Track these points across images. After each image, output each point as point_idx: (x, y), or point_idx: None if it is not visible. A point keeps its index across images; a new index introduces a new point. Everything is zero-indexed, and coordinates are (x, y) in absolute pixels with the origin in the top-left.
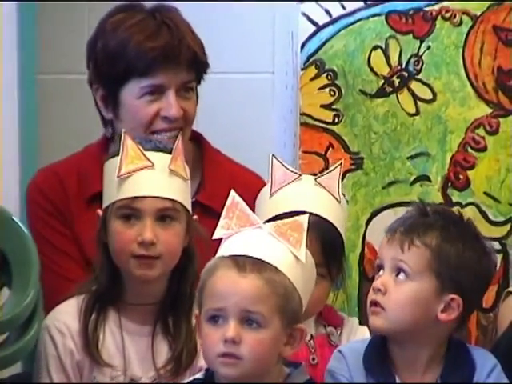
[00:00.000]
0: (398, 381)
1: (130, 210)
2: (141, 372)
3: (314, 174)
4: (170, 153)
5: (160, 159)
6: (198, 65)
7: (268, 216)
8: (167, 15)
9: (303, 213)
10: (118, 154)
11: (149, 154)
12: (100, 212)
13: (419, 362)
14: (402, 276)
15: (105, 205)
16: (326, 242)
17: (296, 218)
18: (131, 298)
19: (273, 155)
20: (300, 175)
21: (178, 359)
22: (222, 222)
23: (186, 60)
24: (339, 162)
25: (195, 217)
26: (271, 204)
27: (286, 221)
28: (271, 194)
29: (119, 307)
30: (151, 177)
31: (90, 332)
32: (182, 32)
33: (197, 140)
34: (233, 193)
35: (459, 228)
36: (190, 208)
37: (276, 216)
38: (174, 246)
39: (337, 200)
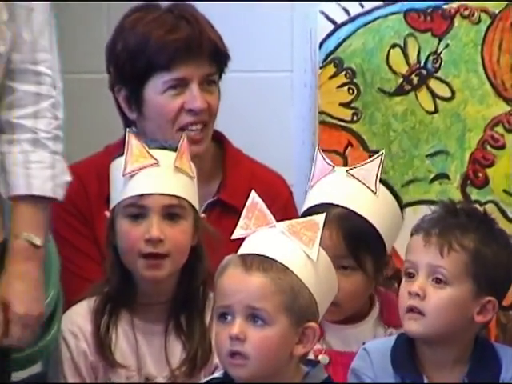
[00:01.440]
0: (425, 380)
1: (137, 209)
2: (156, 371)
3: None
4: (175, 150)
5: (165, 157)
6: (219, 56)
7: (303, 209)
8: (184, 10)
9: (328, 205)
10: (122, 154)
11: (153, 151)
12: (107, 213)
13: (447, 361)
14: (440, 281)
15: (112, 205)
16: (350, 233)
17: (312, 217)
18: (142, 297)
19: (318, 148)
20: (333, 167)
21: (192, 360)
22: (241, 222)
23: (207, 52)
24: (380, 153)
25: (203, 215)
26: (307, 197)
27: (300, 220)
28: (311, 187)
29: (131, 307)
30: (156, 174)
31: (103, 333)
32: (202, 24)
33: (218, 139)
34: (253, 193)
35: (489, 227)
36: (197, 206)
37: (307, 209)
38: (181, 243)
39: (372, 191)
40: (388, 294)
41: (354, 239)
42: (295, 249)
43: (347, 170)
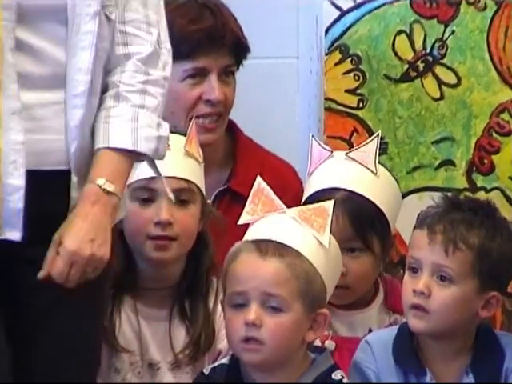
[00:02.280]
0: (428, 372)
1: (146, 192)
2: (159, 356)
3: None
4: (184, 135)
5: (175, 141)
6: (240, 49)
7: (305, 196)
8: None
9: (331, 190)
10: None
11: None
12: None
13: (449, 353)
14: (445, 279)
15: None
16: (355, 215)
17: (321, 203)
18: (146, 282)
19: (312, 136)
20: (332, 152)
21: (196, 343)
22: (247, 207)
23: (229, 43)
24: (376, 134)
25: (209, 201)
26: (308, 184)
27: (310, 206)
28: (309, 174)
29: (134, 292)
30: (167, 157)
31: (106, 318)
32: (225, 16)
33: (229, 127)
34: (259, 179)
35: (493, 220)
36: (204, 191)
37: (309, 196)
38: (190, 227)
39: (372, 172)
40: (392, 281)
41: (360, 220)
42: (307, 235)
43: (346, 153)
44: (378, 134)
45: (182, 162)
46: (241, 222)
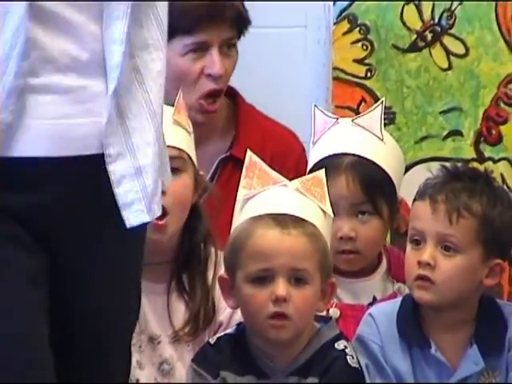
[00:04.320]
0: (432, 343)
1: None
2: (159, 330)
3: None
4: (172, 105)
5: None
6: (241, 22)
7: (310, 165)
8: None
9: (339, 155)
10: None
11: None
12: None
13: (453, 324)
14: (450, 249)
15: None
16: (365, 178)
17: (315, 173)
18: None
19: (315, 105)
20: (337, 119)
21: (195, 320)
22: (242, 182)
23: (229, 17)
24: (380, 101)
25: (201, 172)
26: (313, 151)
27: (308, 176)
28: (314, 143)
29: None
30: None
31: None
32: None
33: (231, 95)
34: (249, 152)
35: (492, 188)
36: (195, 161)
37: (316, 163)
38: (183, 197)
39: (379, 138)
40: (393, 251)
41: (370, 184)
42: (313, 206)
43: (353, 120)
44: (383, 101)
45: (170, 130)
46: (239, 197)
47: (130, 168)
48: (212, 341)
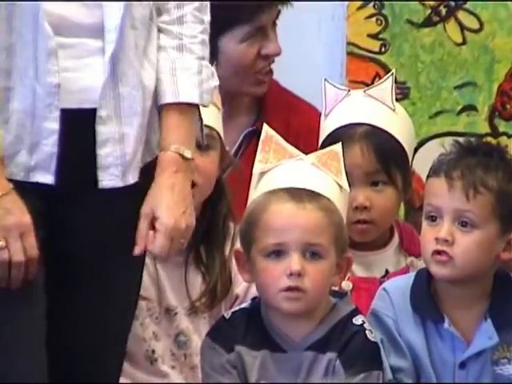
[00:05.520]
0: (446, 317)
1: None
2: (176, 302)
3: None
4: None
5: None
6: None
7: (323, 136)
8: None
9: (352, 125)
10: None
11: None
12: None
13: (468, 298)
14: (467, 225)
15: None
16: (379, 148)
17: (331, 147)
18: None
19: (325, 79)
20: (349, 91)
21: (212, 291)
22: (258, 156)
23: None
24: (391, 72)
25: (227, 148)
26: (326, 123)
27: (324, 151)
28: (326, 116)
29: None
30: None
31: None
32: None
33: None
34: (265, 127)
35: (507, 163)
36: (223, 138)
37: (330, 134)
38: (211, 173)
39: (390, 108)
40: (405, 225)
41: (384, 153)
42: (328, 180)
43: (364, 91)
44: (393, 73)
45: (203, 108)
46: (255, 170)
47: (115, 133)
48: (227, 315)
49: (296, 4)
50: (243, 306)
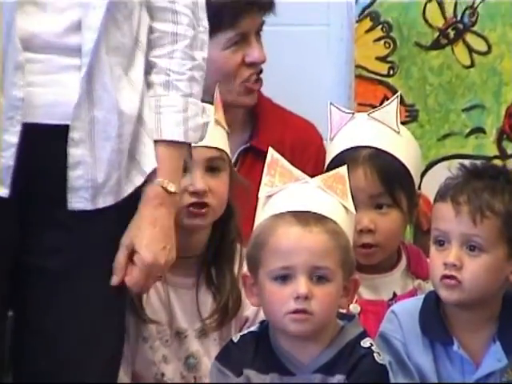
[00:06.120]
0: (455, 340)
1: None
2: (186, 324)
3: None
4: (210, 103)
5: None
6: (271, 6)
7: (329, 159)
8: None
9: (356, 148)
10: None
11: None
12: None
13: (477, 321)
14: (475, 249)
15: None
16: (383, 170)
17: (337, 170)
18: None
19: (330, 103)
20: (353, 114)
21: (223, 309)
22: (264, 179)
23: (264, 4)
24: (396, 95)
25: (235, 169)
26: (331, 147)
27: (329, 173)
28: (331, 139)
29: None
30: None
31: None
32: None
33: None
34: (271, 150)
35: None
36: (231, 158)
37: (334, 157)
38: (223, 195)
39: (395, 131)
40: (412, 248)
41: (388, 176)
42: (335, 203)
43: (369, 114)
44: (398, 95)
45: (212, 131)
46: (261, 194)
47: (87, 156)
48: (235, 339)
49: (305, 27)
50: (252, 329)
